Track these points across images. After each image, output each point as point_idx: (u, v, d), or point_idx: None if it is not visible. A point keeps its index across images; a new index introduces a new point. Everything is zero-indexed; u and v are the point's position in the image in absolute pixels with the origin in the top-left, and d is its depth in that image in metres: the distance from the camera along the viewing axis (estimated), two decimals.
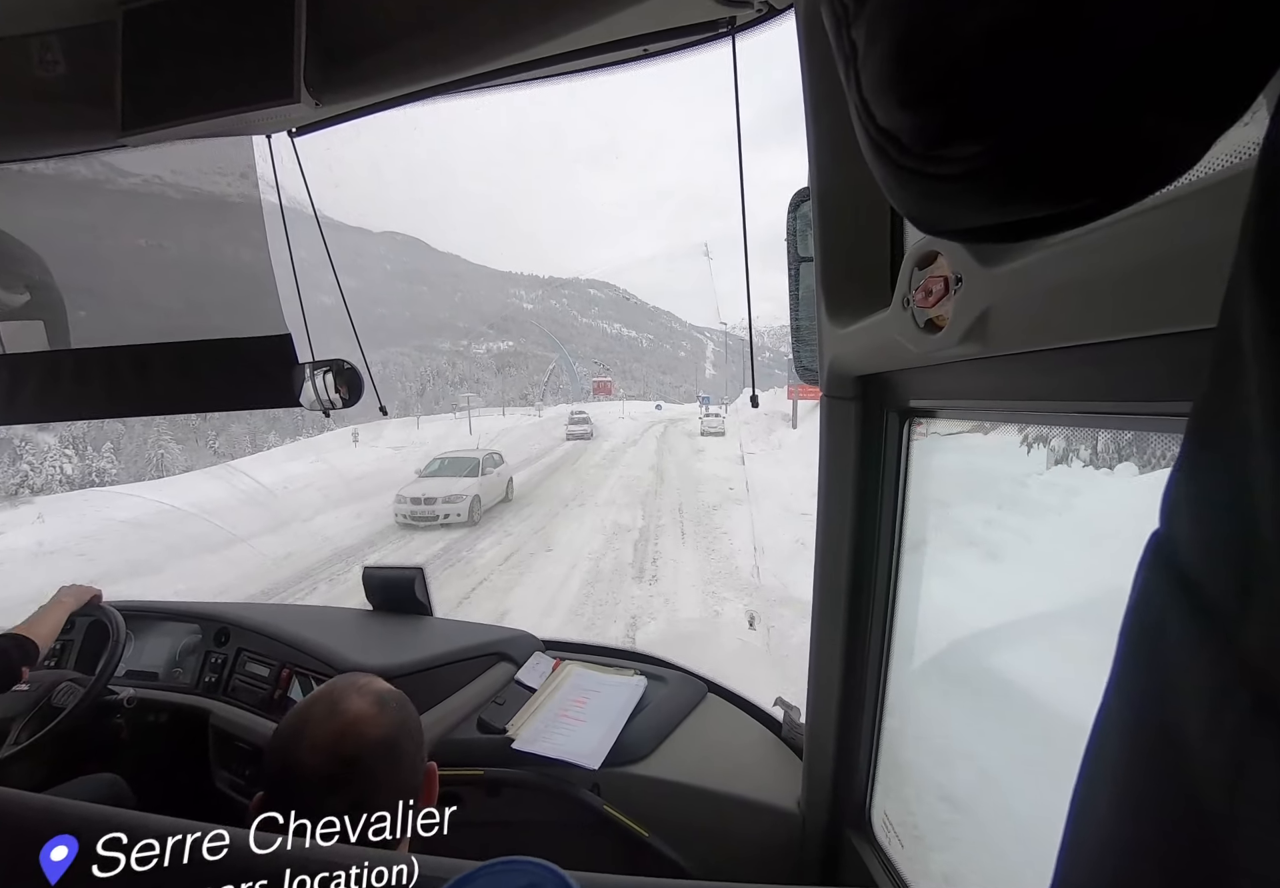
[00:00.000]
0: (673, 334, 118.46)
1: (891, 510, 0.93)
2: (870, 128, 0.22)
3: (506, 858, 0.34)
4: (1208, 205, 0.31)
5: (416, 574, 1.79)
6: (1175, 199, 0.33)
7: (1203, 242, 0.31)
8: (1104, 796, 0.21)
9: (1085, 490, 0.96)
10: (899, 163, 0.21)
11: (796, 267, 1.09)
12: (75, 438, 23.43)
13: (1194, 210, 0.32)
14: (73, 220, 1.73)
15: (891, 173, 0.22)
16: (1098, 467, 0.96)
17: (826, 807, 1.15)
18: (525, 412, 51.82)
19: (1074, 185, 0.19)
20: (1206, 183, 0.31)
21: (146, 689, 1.59)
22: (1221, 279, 0.19)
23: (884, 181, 0.23)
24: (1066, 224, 0.21)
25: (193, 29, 1.03)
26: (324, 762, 0.71)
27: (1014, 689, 0.95)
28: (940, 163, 0.20)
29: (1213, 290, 0.31)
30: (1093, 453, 1.00)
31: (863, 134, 0.23)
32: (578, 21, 0.95)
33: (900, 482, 0.91)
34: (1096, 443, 1.04)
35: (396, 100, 1.12)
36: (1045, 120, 0.18)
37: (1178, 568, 0.18)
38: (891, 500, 0.93)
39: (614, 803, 1.25)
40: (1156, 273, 0.35)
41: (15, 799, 0.57)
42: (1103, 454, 1.00)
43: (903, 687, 1.01)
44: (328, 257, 1.56)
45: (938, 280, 0.54)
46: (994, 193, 0.20)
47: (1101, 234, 0.39)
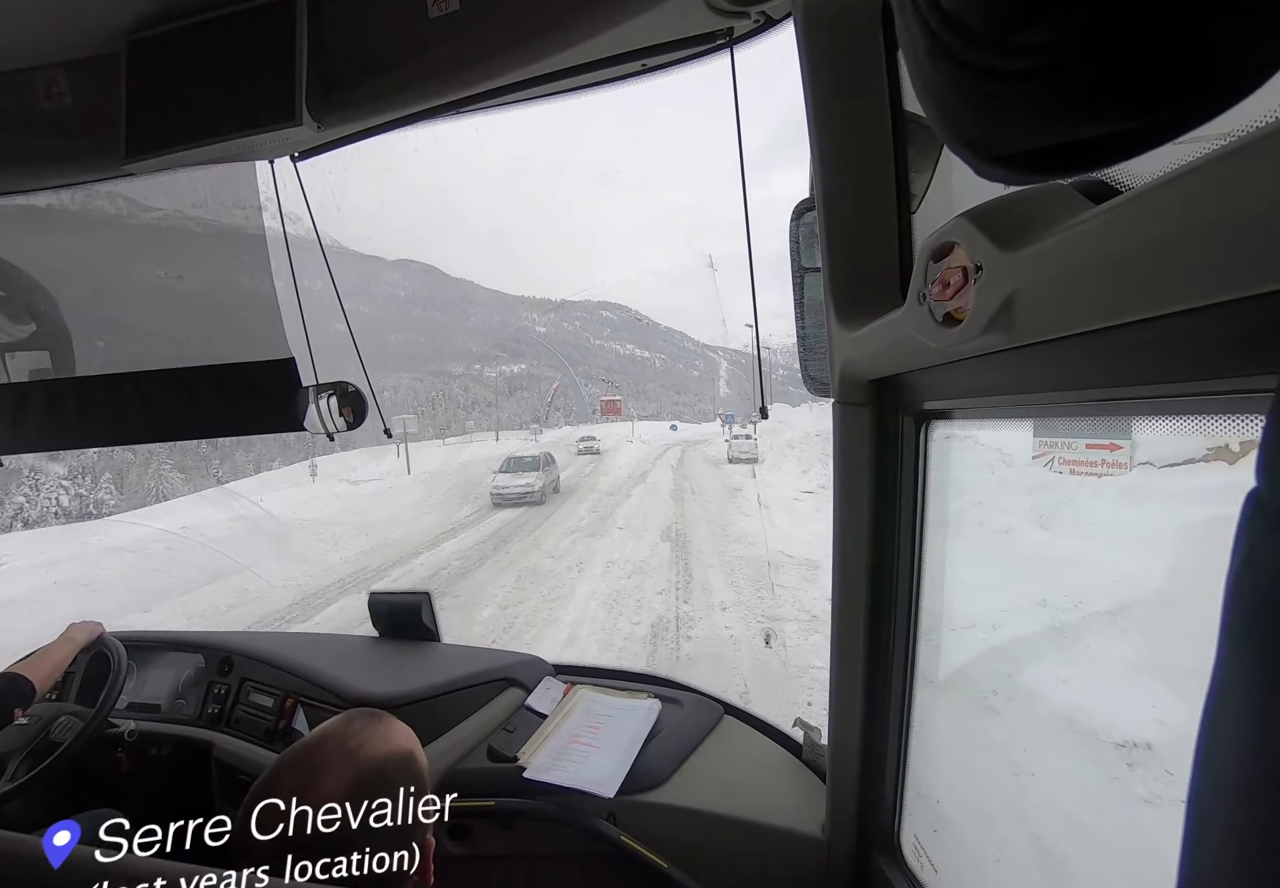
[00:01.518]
0: (685, 353, 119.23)
1: (911, 518, 0.90)
2: (932, 19, 0.20)
3: None
4: (1231, 174, 0.29)
5: (423, 599, 1.76)
6: (1195, 169, 0.31)
7: (1231, 209, 0.29)
8: (1231, 774, 0.19)
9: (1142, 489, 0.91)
10: (963, 59, 0.19)
11: (801, 276, 1.09)
12: (85, 467, 23.45)
13: (1217, 179, 0.30)
14: (90, 254, 1.75)
15: (950, 77, 0.20)
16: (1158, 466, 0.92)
17: (853, 832, 1.10)
18: (524, 436, 50.19)
19: (1148, 92, 0.18)
20: (1226, 150, 0.30)
21: (148, 721, 1.56)
22: (1269, 241, 0.17)
23: (938, 94, 0.21)
24: (1128, 149, 0.20)
25: (196, 57, 1.04)
26: (279, 836, 0.65)
27: (1048, 704, 0.91)
28: (1013, 55, 0.18)
29: (1258, 255, 0.29)
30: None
31: (917, 34, 0.21)
32: (575, 37, 0.96)
33: (919, 488, 0.89)
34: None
35: (398, 122, 1.13)
36: (1134, 8, 0.16)
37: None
38: (910, 508, 0.90)
39: (631, 833, 1.20)
40: (1185, 244, 0.33)
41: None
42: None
43: (929, 704, 0.97)
44: (331, 281, 1.57)
45: (955, 272, 0.53)
46: (1064, 95, 0.19)
47: (1124, 209, 0.37)
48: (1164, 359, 0.41)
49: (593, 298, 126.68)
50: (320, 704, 1.41)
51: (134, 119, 1.09)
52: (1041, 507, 0.98)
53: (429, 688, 1.41)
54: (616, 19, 0.90)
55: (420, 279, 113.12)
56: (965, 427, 0.81)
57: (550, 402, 78.79)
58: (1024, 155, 0.22)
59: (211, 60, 1.05)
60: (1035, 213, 0.47)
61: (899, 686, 0.98)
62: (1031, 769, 0.87)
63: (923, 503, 0.89)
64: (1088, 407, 0.54)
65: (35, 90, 1.17)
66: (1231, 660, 0.19)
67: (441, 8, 1.00)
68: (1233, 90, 0.18)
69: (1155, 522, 0.94)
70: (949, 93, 0.21)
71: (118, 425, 1.38)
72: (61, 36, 1.11)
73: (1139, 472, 0.92)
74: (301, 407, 1.34)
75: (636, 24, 0.91)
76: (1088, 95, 0.18)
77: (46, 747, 1.38)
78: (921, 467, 0.87)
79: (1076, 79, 0.18)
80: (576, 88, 1.09)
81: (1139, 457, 0.93)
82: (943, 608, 0.93)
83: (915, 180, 0.83)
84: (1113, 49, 0.17)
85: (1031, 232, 0.45)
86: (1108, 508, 1.02)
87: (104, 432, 1.41)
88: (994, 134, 0.22)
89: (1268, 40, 0.17)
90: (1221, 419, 0.40)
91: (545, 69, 1.01)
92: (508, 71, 1.01)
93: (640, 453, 31.86)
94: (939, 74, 0.20)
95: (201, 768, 1.51)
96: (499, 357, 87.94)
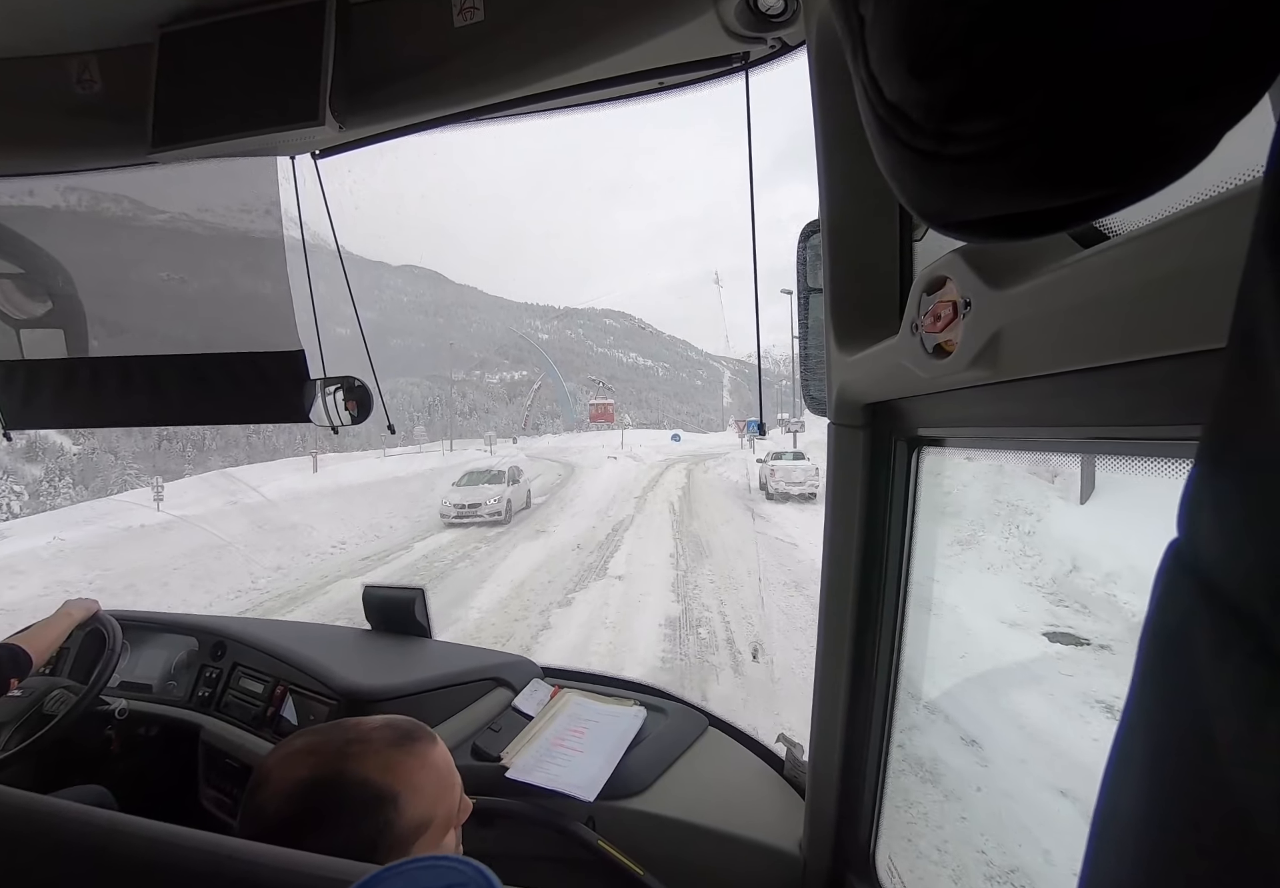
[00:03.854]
0: (689, 363, 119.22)
1: (899, 542, 0.91)
2: (878, 105, 0.21)
3: (424, 856, 0.31)
4: (1219, 222, 0.30)
5: (417, 595, 1.77)
6: (1184, 218, 0.33)
7: (1216, 258, 0.30)
8: (1130, 807, 0.20)
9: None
10: (909, 144, 0.20)
11: (806, 297, 1.10)
12: (63, 469, 23.17)
13: (1205, 227, 0.31)
14: (101, 254, 1.78)
15: (900, 156, 0.21)
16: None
17: (829, 849, 1.10)
18: (480, 446, 38.02)
19: (1091, 172, 0.19)
20: (1216, 200, 0.31)
21: (139, 701, 1.58)
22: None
23: (892, 169, 0.23)
24: (1078, 218, 0.21)
25: (226, 52, 1.07)
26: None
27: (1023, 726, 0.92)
28: (953, 142, 0.19)
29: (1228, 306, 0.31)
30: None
31: (869, 115, 0.22)
32: (596, 54, 0.98)
33: (908, 512, 0.90)
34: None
35: (418, 126, 1.16)
36: (1063, 98, 0.17)
37: (1200, 574, 0.18)
38: (899, 531, 0.91)
39: (609, 838, 1.20)
40: (1170, 292, 0.34)
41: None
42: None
43: (909, 725, 0.98)
44: (344, 276, 1.59)
45: (946, 305, 0.54)
46: (1007, 177, 0.20)
47: (1112, 254, 0.38)
48: (1144, 402, 0.42)
49: (596, 306, 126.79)
50: (310, 693, 1.43)
51: (162, 109, 1.12)
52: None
53: (417, 683, 1.42)
54: (637, 39, 0.92)
55: (423, 284, 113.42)
56: (956, 454, 0.82)
57: (530, 405, 68.86)
58: (978, 222, 0.23)
59: (240, 56, 1.08)
60: (1025, 253, 0.48)
61: (880, 707, 0.99)
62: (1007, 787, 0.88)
63: (911, 527, 0.90)
64: (1070, 443, 0.55)
65: (68, 76, 1.20)
66: (1137, 703, 0.20)
67: (467, 18, 1.02)
68: (1174, 167, 0.19)
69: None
70: (901, 171, 0.22)
71: (128, 406, 1.41)
72: (96, 25, 1.14)
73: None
74: (309, 399, 1.37)
75: (656, 44, 0.93)
76: (1030, 176, 0.19)
77: (39, 719, 1.40)
78: (912, 492, 0.88)
79: (1017, 162, 0.19)
80: (594, 102, 1.11)
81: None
82: (927, 634, 0.94)
83: None
84: (1051, 134, 0.18)
85: (1020, 271, 0.46)
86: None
87: (114, 412, 1.43)
88: (944, 207, 0.23)
89: (1206, 119, 0.18)
90: None
91: (565, 83, 1.03)
92: (528, 83, 1.03)
93: (618, 480, 21.39)
94: (891, 153, 0.22)
95: (189, 750, 1.52)
96: (501, 363, 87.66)
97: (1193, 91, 0.17)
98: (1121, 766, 0.20)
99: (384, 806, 0.67)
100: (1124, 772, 0.20)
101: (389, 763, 0.70)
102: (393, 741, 0.73)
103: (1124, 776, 0.20)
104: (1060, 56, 0.17)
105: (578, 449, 34.20)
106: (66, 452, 31.48)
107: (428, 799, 0.71)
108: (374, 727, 0.74)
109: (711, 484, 20.38)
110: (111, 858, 0.47)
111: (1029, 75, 0.17)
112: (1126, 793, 0.20)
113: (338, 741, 0.71)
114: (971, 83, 0.18)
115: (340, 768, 0.68)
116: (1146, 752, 0.19)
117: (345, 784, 0.67)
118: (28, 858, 0.46)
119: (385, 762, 0.70)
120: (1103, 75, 0.17)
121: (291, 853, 0.47)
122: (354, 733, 0.72)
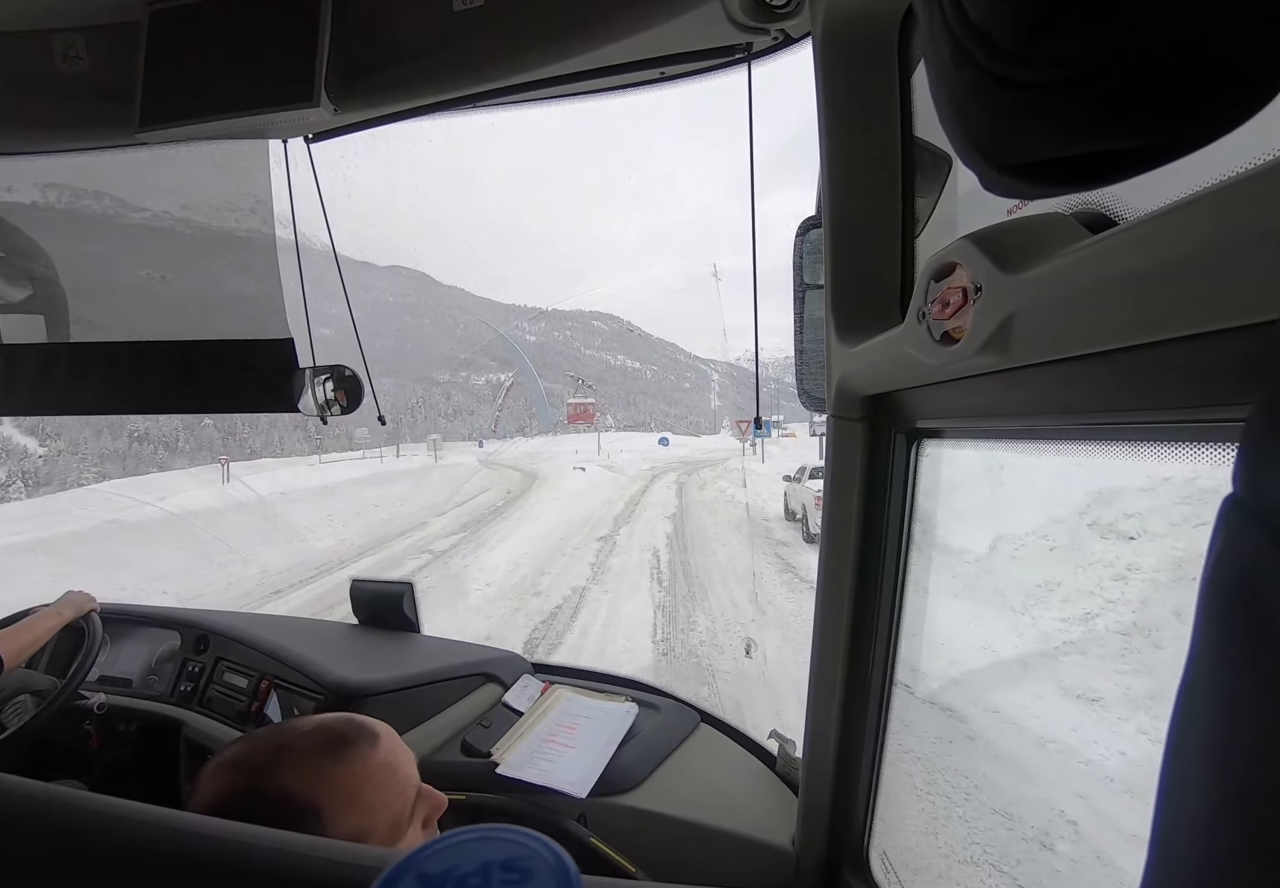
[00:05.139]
0: (677, 366, 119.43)
1: (897, 536, 0.91)
2: (958, 27, 0.20)
3: (482, 826, 0.29)
4: (1228, 204, 0.30)
5: (405, 590, 1.75)
6: (1194, 201, 0.32)
7: (1228, 239, 0.30)
8: (1197, 780, 0.19)
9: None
10: (985, 68, 0.20)
11: (803, 292, 1.10)
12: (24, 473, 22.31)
13: (1215, 210, 0.31)
14: (82, 253, 1.74)
15: (974, 83, 0.21)
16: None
17: (823, 845, 1.10)
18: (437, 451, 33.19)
19: (1166, 105, 0.19)
20: (1225, 183, 0.31)
21: (119, 696, 1.54)
22: (1262, 273, 0.18)
23: (959, 101, 0.22)
24: (1136, 165, 0.21)
25: (217, 31, 1.04)
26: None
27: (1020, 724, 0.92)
28: (1035, 66, 0.19)
29: (1246, 285, 0.31)
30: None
31: (945, 41, 0.21)
32: (597, 41, 0.97)
33: (906, 506, 0.90)
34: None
35: (414, 111, 1.14)
36: (1147, 26, 0.17)
37: (1264, 523, 0.18)
38: (898, 524, 0.91)
39: (600, 835, 1.20)
40: (1184, 273, 0.34)
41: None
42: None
43: (905, 721, 0.98)
44: (337, 267, 1.57)
45: (956, 291, 0.54)
46: (1081, 107, 0.19)
47: (1125, 236, 0.38)
48: (1154, 385, 0.42)
49: (584, 308, 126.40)
50: (295, 688, 1.40)
51: (150, 88, 1.09)
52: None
53: (406, 678, 1.40)
54: (638, 27, 0.91)
55: (410, 285, 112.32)
56: (955, 447, 0.82)
57: (500, 405, 61.63)
58: (1035, 166, 0.22)
59: (232, 36, 1.05)
60: (1036, 239, 0.48)
61: (876, 703, 0.99)
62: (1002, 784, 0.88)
63: (910, 520, 0.90)
64: (1077, 431, 0.55)
65: (52, 53, 1.17)
66: (1203, 657, 0.19)
67: (466, 2, 1.01)
68: (1248, 104, 0.19)
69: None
70: (968, 99, 0.21)
71: (110, 394, 1.37)
72: (83, 1, 1.11)
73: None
74: (298, 388, 1.34)
75: (658, 32, 0.92)
76: (1107, 108, 0.19)
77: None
78: (910, 485, 0.88)
79: (1096, 92, 0.19)
80: (594, 91, 1.10)
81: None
82: (923, 630, 0.94)
83: (921, 205, 0.85)
84: (1135, 64, 0.18)
85: (1031, 256, 0.46)
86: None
87: (96, 400, 1.40)
88: (1009, 142, 0.22)
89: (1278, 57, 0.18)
90: (1215, 448, 0.41)
91: (565, 70, 1.02)
92: (527, 70, 1.01)
93: (583, 505, 14.79)
94: (961, 80, 0.21)
95: (170, 746, 1.49)
96: (488, 365, 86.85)
97: (1271, 27, 0.17)
98: (1186, 721, 0.20)
99: (303, 820, 0.60)
100: (1188, 728, 0.20)
101: (313, 773, 0.64)
102: (321, 746, 0.66)
103: (1188, 732, 0.20)
104: None
105: (549, 456, 28.28)
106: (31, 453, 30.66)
107: (362, 808, 0.64)
108: (304, 731, 0.68)
109: (713, 508, 14.23)
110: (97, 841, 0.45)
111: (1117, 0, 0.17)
112: (1192, 753, 0.20)
113: (268, 748, 0.66)
114: (1063, 2, 0.18)
115: (257, 784, 0.62)
116: (1216, 703, 0.19)
117: (262, 800, 0.61)
118: (4, 841, 0.45)
119: (310, 772, 0.64)
120: (1185, 6, 0.16)
121: (288, 835, 0.46)
122: (286, 738, 0.67)
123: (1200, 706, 0.20)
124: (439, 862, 0.27)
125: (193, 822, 0.48)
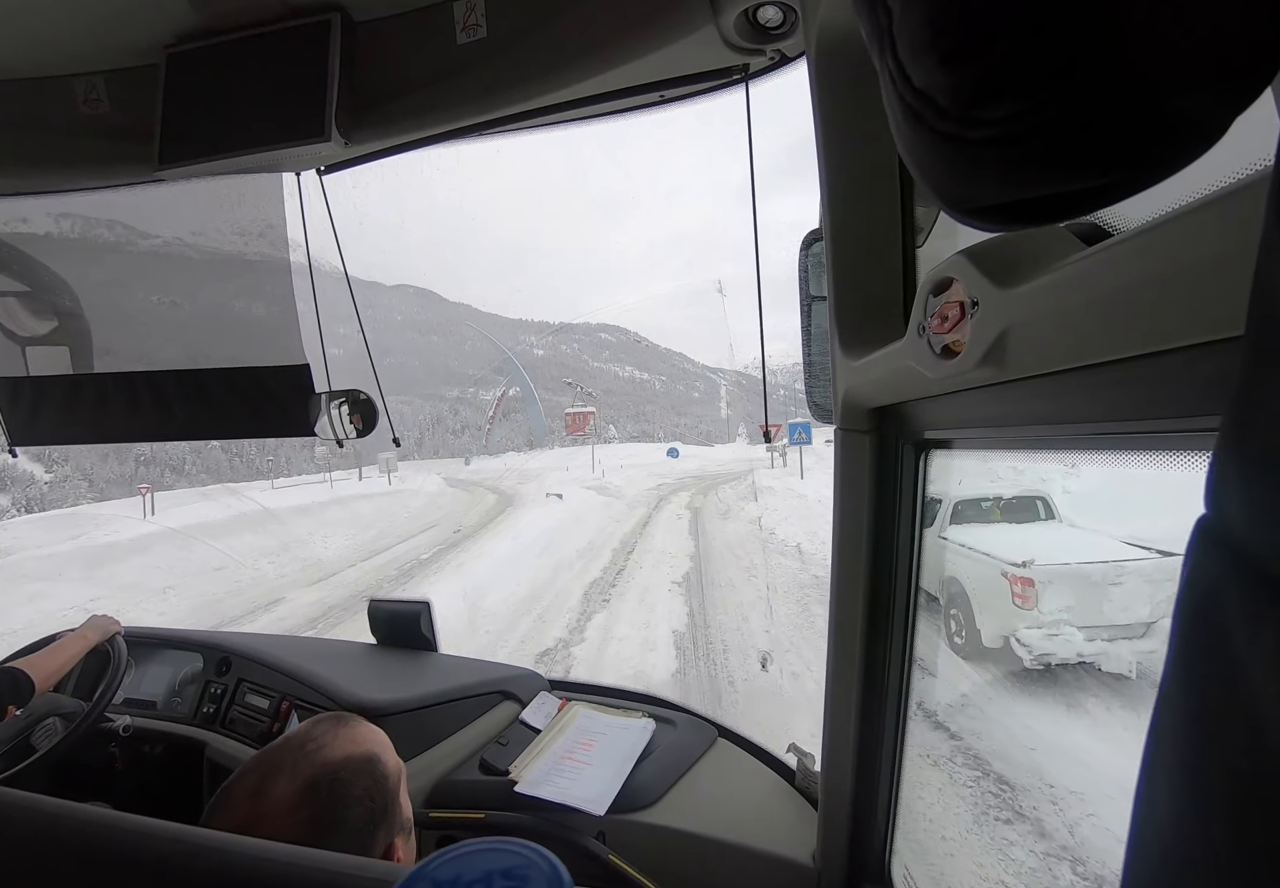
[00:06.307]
0: (686, 375, 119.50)
1: (909, 545, 0.91)
2: (906, 92, 0.22)
3: (483, 839, 0.33)
4: (1221, 216, 0.31)
5: (423, 609, 1.77)
6: (1187, 213, 0.33)
7: (1221, 251, 0.31)
8: (1169, 782, 0.20)
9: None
10: (934, 128, 0.21)
11: (809, 304, 1.11)
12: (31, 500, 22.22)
13: (1208, 222, 0.32)
14: (103, 276, 1.80)
15: (926, 141, 0.22)
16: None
17: (843, 860, 1.09)
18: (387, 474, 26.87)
19: (1107, 156, 0.20)
20: (1217, 195, 0.32)
21: (143, 718, 1.56)
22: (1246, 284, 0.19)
23: (917, 155, 0.23)
24: (1092, 203, 0.22)
25: (231, 71, 1.08)
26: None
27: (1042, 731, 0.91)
28: (978, 126, 0.20)
29: (1239, 297, 0.31)
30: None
31: (896, 103, 0.23)
32: (597, 69, 0.99)
33: (916, 515, 0.90)
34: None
35: (421, 141, 1.17)
36: (1081, 86, 0.18)
37: (1232, 546, 0.19)
38: (909, 534, 0.91)
39: (619, 852, 1.19)
40: (1176, 285, 0.34)
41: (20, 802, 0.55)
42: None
43: (922, 733, 0.97)
44: (350, 292, 1.60)
45: (953, 306, 0.54)
46: (1027, 160, 0.20)
47: (1118, 250, 0.39)
48: (1149, 396, 0.42)
49: (592, 321, 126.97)
50: (316, 709, 1.42)
51: (168, 128, 1.13)
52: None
53: (424, 697, 1.41)
54: (637, 53, 0.94)
55: (418, 303, 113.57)
56: (963, 457, 0.82)
57: (492, 416, 58.11)
58: (998, 208, 0.24)
59: (246, 75, 1.09)
60: (1030, 253, 0.48)
61: (893, 715, 0.98)
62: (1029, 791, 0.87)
63: (920, 531, 0.90)
64: (1080, 440, 0.55)
65: (74, 96, 1.22)
66: (1174, 673, 0.20)
67: (470, 35, 1.04)
68: (1185, 152, 0.20)
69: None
70: (925, 156, 0.23)
71: (132, 423, 1.41)
72: (102, 47, 1.16)
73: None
74: (314, 413, 1.37)
75: (656, 58, 0.95)
76: (1048, 160, 0.20)
77: (22, 752, 1.36)
78: (919, 495, 0.88)
79: (1036, 147, 0.20)
80: (596, 115, 1.13)
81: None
82: None
83: (921, 216, 0.86)
84: (1070, 120, 0.19)
85: (1026, 270, 0.47)
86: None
87: (119, 428, 1.44)
88: (968, 192, 0.24)
89: (1215, 108, 0.19)
90: (1205, 456, 0.41)
91: (567, 97, 1.05)
92: (530, 98, 1.04)
93: (542, 571, 8.77)
94: (916, 139, 0.23)
95: (194, 767, 1.51)
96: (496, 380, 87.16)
97: (1201, 82, 0.18)
98: (1161, 730, 0.21)
99: (372, 764, 0.75)
100: (1162, 736, 0.21)
101: (350, 737, 0.77)
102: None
103: (1162, 740, 0.21)
104: (1079, 48, 0.18)
105: (534, 473, 25.10)
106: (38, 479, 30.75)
107: (388, 750, 0.80)
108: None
109: (749, 560, 8.84)
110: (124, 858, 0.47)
111: (1049, 64, 0.18)
112: (1164, 760, 0.21)
113: (291, 750, 0.74)
114: (995, 70, 0.19)
115: (318, 763, 0.72)
116: (1183, 715, 0.20)
117: (335, 769, 0.72)
118: (31, 859, 0.46)
119: (346, 738, 0.77)
120: (1117, 65, 0.18)
121: (305, 851, 0.47)
122: (294, 741, 0.76)
123: (1169, 721, 0.21)
124: (447, 871, 0.30)
125: (221, 839, 0.49)
